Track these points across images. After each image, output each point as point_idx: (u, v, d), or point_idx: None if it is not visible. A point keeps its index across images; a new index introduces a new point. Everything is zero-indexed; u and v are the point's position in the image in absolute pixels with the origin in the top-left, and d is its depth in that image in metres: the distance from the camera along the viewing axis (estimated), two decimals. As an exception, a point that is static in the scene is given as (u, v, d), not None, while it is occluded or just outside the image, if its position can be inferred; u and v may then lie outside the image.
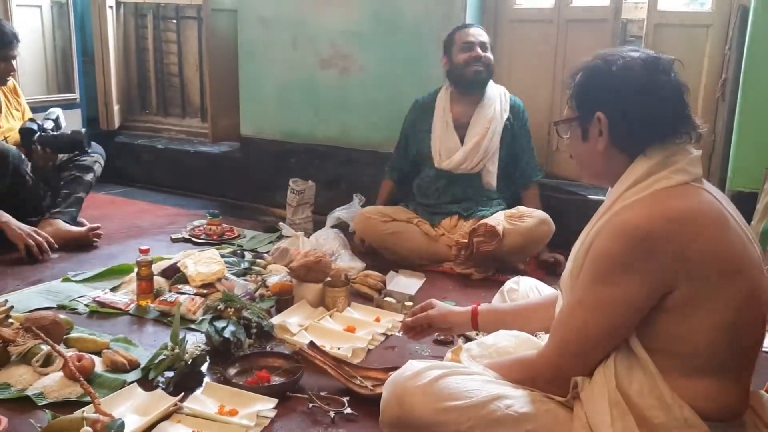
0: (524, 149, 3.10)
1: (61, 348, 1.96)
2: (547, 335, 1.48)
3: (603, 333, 1.33)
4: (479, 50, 2.99)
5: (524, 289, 1.94)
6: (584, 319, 1.33)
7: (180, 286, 2.56)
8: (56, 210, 3.26)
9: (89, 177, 3.44)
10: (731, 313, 1.25)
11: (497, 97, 3.06)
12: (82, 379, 1.76)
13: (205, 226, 3.41)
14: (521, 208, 2.90)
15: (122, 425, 1.54)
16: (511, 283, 2.01)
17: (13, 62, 3.21)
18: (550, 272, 2.84)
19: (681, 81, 1.37)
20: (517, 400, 1.38)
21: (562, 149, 3.31)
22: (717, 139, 3.16)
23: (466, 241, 2.82)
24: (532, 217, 2.81)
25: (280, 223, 3.36)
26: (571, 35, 3.29)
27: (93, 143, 3.55)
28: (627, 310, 1.29)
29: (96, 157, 3.51)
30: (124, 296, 2.55)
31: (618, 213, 1.32)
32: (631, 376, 1.30)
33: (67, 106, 4.14)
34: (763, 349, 1.50)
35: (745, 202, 2.81)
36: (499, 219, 2.84)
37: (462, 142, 3.01)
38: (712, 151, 3.19)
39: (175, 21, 4.74)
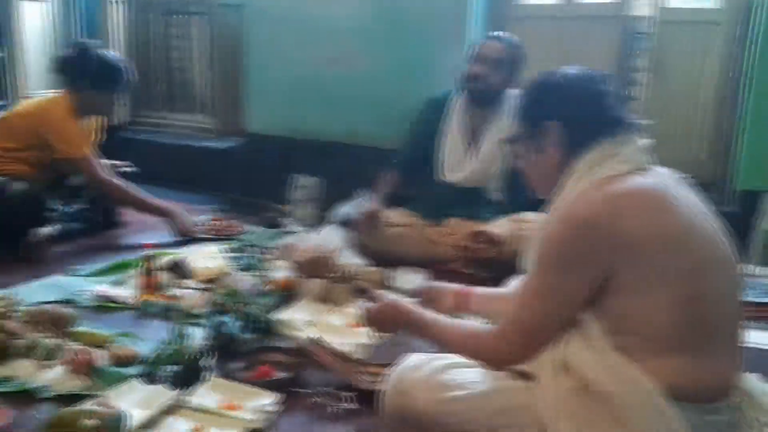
0: None
1: (64, 341, 1.96)
2: None
3: (545, 313, 1.37)
4: (479, 67, 2.86)
5: None
6: (529, 300, 1.39)
7: (184, 281, 2.56)
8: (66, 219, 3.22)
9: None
10: (682, 285, 1.27)
11: (509, 108, 2.91)
12: (84, 371, 1.77)
13: (209, 222, 3.41)
14: (529, 215, 2.87)
15: (125, 418, 1.55)
16: (514, 281, 2.00)
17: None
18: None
19: (612, 86, 1.46)
20: (517, 391, 1.38)
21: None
22: (725, 137, 3.15)
23: (469, 241, 2.82)
24: (530, 222, 2.77)
25: (285, 219, 3.35)
26: (578, 32, 3.28)
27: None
28: (569, 292, 1.34)
29: None
30: (128, 291, 2.56)
31: (562, 202, 1.39)
32: (583, 354, 1.32)
33: (73, 100, 4.14)
34: (756, 345, 1.49)
35: (754, 201, 2.80)
36: (502, 225, 2.82)
37: (472, 156, 2.96)
38: (719, 150, 3.18)
39: (182, 16, 4.74)
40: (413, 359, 1.49)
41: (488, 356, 1.44)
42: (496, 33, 2.98)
